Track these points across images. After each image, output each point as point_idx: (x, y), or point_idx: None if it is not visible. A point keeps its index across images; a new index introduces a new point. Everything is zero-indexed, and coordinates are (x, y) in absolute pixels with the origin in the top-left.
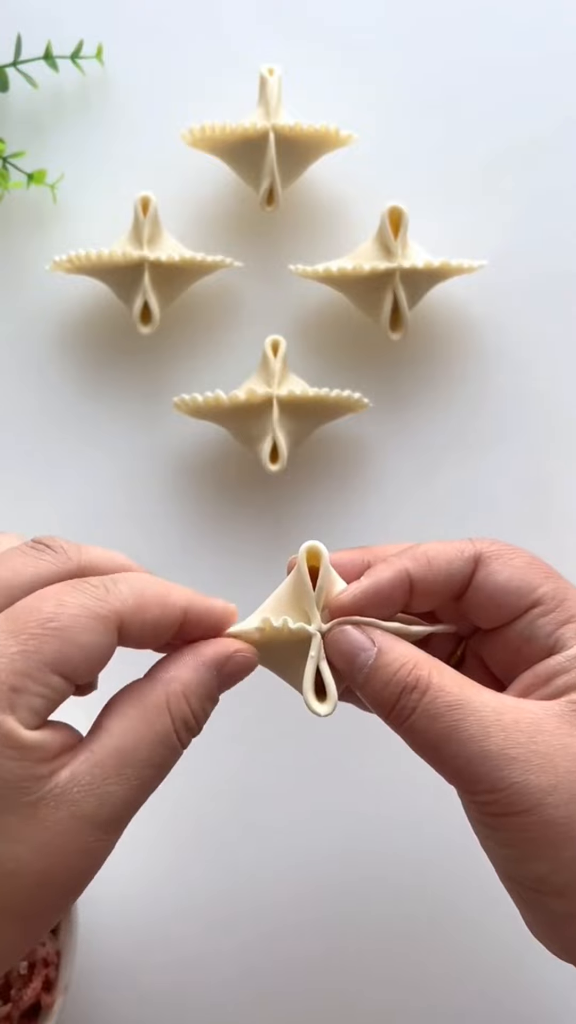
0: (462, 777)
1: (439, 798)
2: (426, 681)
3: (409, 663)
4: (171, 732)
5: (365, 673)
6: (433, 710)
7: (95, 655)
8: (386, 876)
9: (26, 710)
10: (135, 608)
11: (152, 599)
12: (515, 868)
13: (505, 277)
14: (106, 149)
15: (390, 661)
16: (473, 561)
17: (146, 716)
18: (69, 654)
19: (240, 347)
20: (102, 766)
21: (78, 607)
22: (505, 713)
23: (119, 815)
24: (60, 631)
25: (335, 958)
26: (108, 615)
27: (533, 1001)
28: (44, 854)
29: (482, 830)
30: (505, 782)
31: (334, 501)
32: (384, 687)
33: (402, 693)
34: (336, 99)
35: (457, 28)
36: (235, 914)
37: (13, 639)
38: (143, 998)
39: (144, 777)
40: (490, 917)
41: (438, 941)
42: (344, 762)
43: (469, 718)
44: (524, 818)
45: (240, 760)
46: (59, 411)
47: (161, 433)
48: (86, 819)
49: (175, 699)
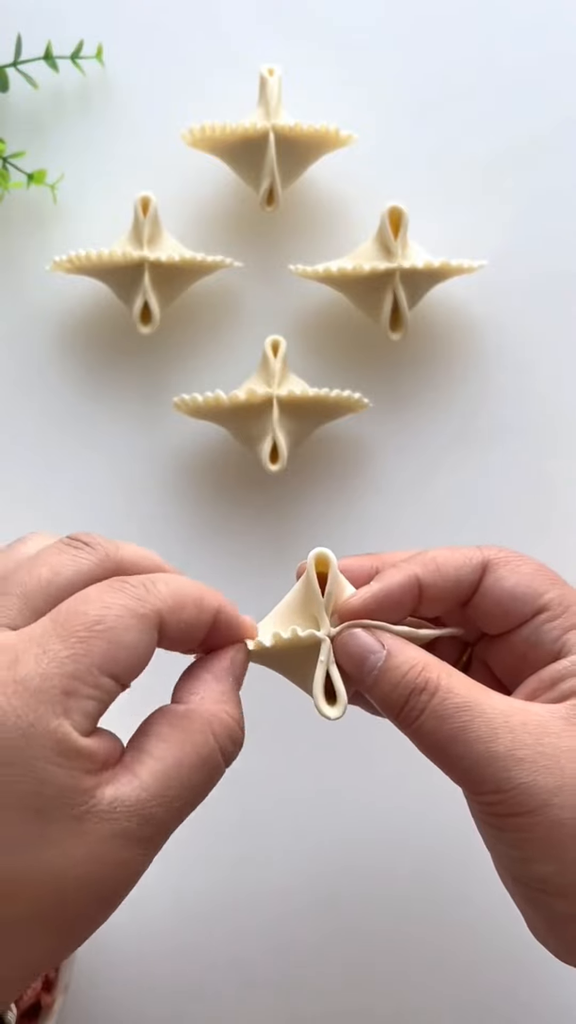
0: (469, 778)
1: (438, 788)
2: (435, 683)
3: (418, 665)
4: (216, 751)
5: (374, 676)
6: (442, 711)
7: (140, 654)
8: (386, 867)
9: (79, 714)
10: (173, 607)
11: (188, 599)
12: (520, 869)
13: (505, 277)
14: (106, 149)
15: (399, 663)
16: (481, 568)
17: (189, 739)
18: (117, 655)
19: (240, 347)
20: (147, 790)
21: (121, 607)
22: (512, 715)
23: (161, 834)
24: (107, 632)
25: (336, 955)
26: (149, 614)
27: (532, 1001)
28: (84, 865)
29: (488, 831)
30: (512, 783)
31: (334, 501)
32: (393, 689)
33: (411, 695)
34: (336, 99)
35: (457, 28)
36: (236, 913)
37: (62, 643)
38: (143, 997)
39: (187, 799)
40: (491, 912)
41: (440, 934)
42: (342, 755)
43: (477, 720)
44: (530, 819)
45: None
46: (59, 411)
47: (161, 433)
48: (127, 837)
49: (217, 722)
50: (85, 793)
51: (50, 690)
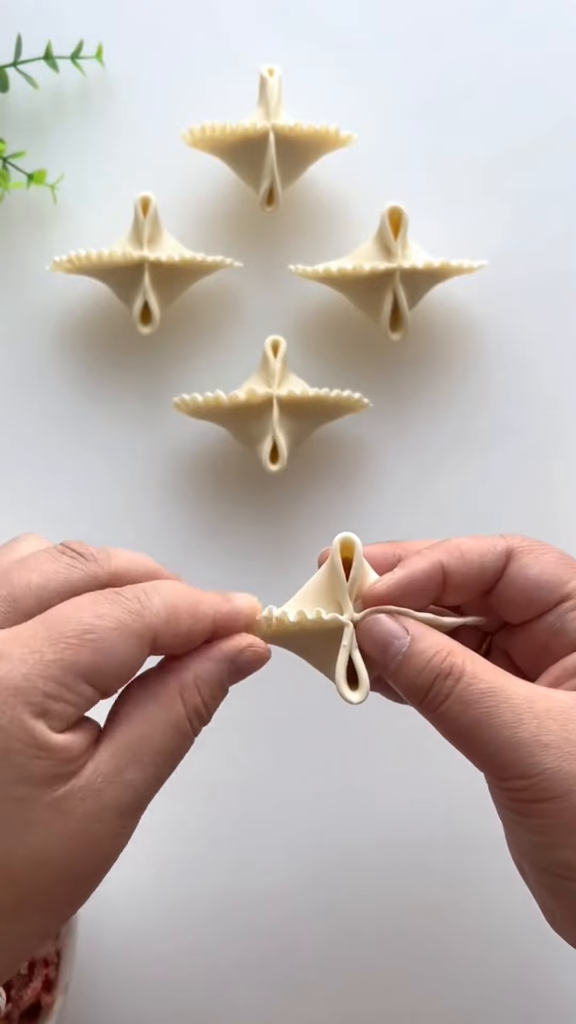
0: (494, 763)
1: (439, 788)
2: (460, 668)
3: (443, 651)
4: (184, 720)
5: (399, 661)
6: (467, 696)
7: (126, 667)
8: (388, 867)
9: (56, 717)
10: (167, 620)
11: (184, 610)
12: (544, 855)
13: (505, 277)
14: (106, 149)
15: (424, 648)
16: (505, 555)
17: (160, 704)
18: (103, 666)
19: (240, 347)
20: (122, 755)
21: (114, 621)
22: (537, 701)
23: (138, 801)
24: (96, 643)
25: (337, 956)
26: (142, 630)
27: (539, 1000)
28: (71, 844)
29: (511, 817)
30: (537, 768)
31: (334, 501)
32: (418, 674)
33: (436, 680)
34: (336, 99)
35: (457, 28)
36: (236, 913)
37: (50, 646)
38: (143, 997)
39: (159, 764)
40: (496, 911)
41: (443, 934)
42: (342, 755)
43: (502, 705)
44: (555, 804)
45: (233, 757)
46: (59, 411)
47: (161, 433)
48: (109, 807)
49: (188, 689)
50: (65, 777)
51: (31, 691)
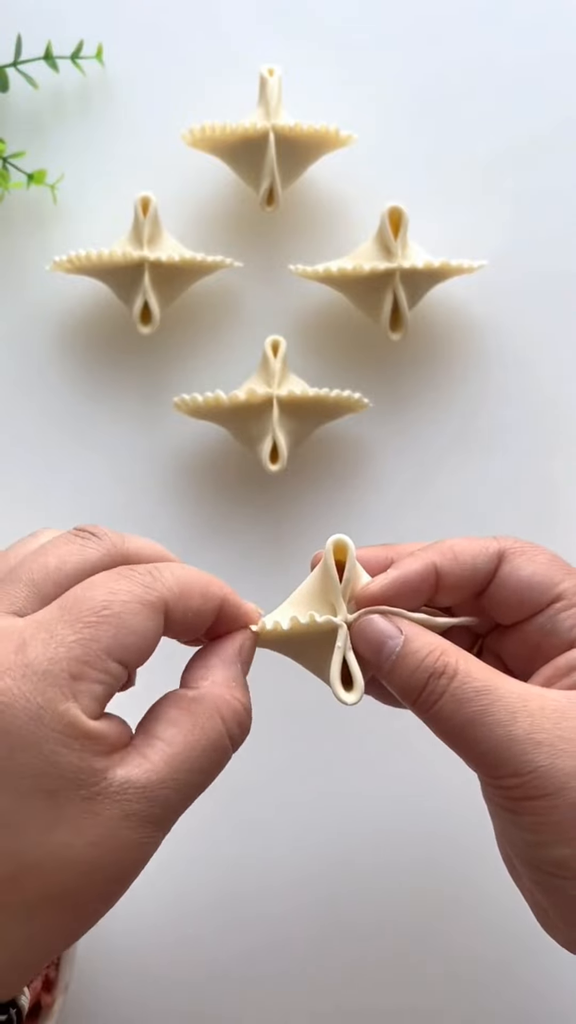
0: (487, 761)
1: (439, 787)
2: (454, 667)
3: (436, 650)
4: (223, 735)
5: (392, 661)
6: (461, 695)
7: (147, 640)
8: (387, 864)
9: (88, 697)
10: (179, 595)
11: (194, 587)
12: (537, 853)
13: (505, 277)
14: (106, 149)
15: (417, 648)
16: (497, 557)
17: (199, 723)
18: (124, 640)
19: (240, 347)
20: (157, 773)
21: (128, 594)
22: (531, 700)
23: (170, 816)
24: (113, 617)
25: (337, 952)
26: (156, 601)
27: (540, 991)
28: (95, 846)
29: (504, 815)
30: (531, 766)
31: (334, 501)
32: (412, 674)
33: (430, 679)
34: (336, 99)
35: (457, 28)
36: (235, 913)
37: (70, 628)
38: (143, 997)
39: (195, 781)
40: (492, 908)
41: (440, 930)
42: (342, 754)
43: (496, 703)
44: (549, 802)
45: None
46: (59, 411)
47: (161, 433)
48: (138, 818)
49: (226, 707)
50: (96, 774)
51: (59, 673)
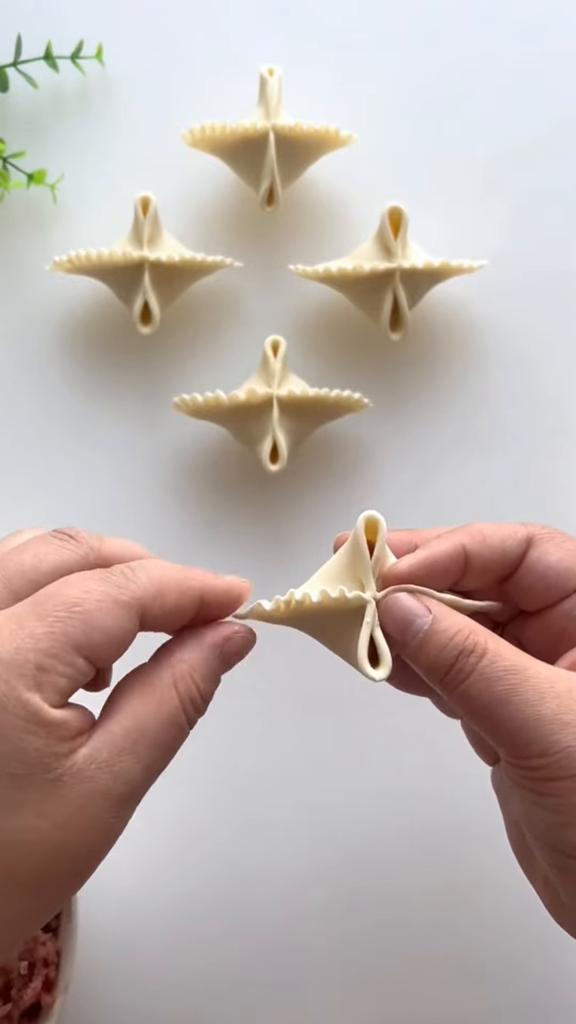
0: (515, 741)
1: (438, 789)
2: (483, 646)
3: (465, 629)
4: (179, 711)
5: (420, 639)
6: (490, 673)
7: (117, 640)
8: (390, 866)
9: (51, 689)
10: (154, 594)
11: (170, 585)
12: (558, 834)
13: (505, 277)
14: (106, 149)
15: (447, 627)
16: (526, 542)
17: (155, 696)
18: (93, 637)
19: (240, 347)
20: (117, 744)
21: (101, 593)
22: (559, 682)
23: (132, 792)
24: (85, 615)
25: (338, 955)
26: (130, 601)
27: (549, 987)
28: (62, 828)
29: (527, 796)
30: (558, 746)
31: (334, 501)
32: (441, 651)
33: (459, 657)
34: (336, 99)
35: (456, 28)
36: (236, 913)
37: (40, 621)
38: (143, 998)
39: (154, 755)
40: (499, 909)
41: (446, 924)
42: (342, 742)
43: (525, 683)
44: (573, 783)
45: (233, 756)
46: (59, 411)
47: (161, 433)
48: (102, 795)
49: (182, 680)
50: (59, 758)
51: (23, 664)
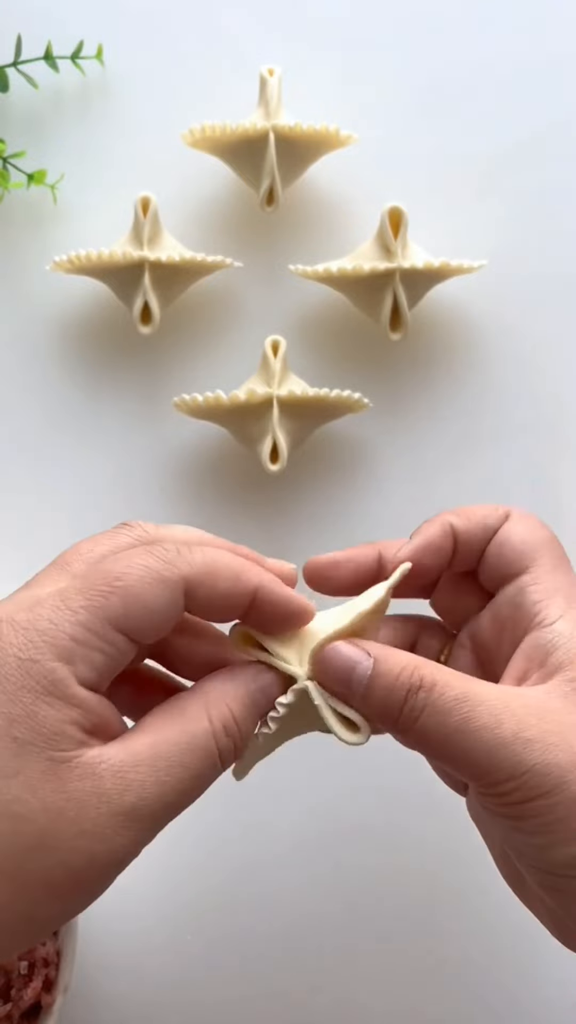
0: (480, 769)
1: (439, 789)
2: (430, 679)
3: (409, 666)
4: (208, 736)
5: (364, 685)
6: (442, 705)
7: (160, 616)
8: (390, 867)
9: (85, 664)
10: (204, 575)
11: (224, 571)
12: (545, 856)
13: (505, 277)
14: (106, 149)
15: (389, 667)
16: (504, 517)
17: (183, 717)
18: (133, 612)
19: (240, 347)
20: (134, 755)
21: (144, 568)
22: (511, 700)
23: (144, 809)
24: (125, 589)
25: (338, 958)
26: (174, 578)
27: (541, 995)
28: (52, 815)
29: (505, 824)
30: (525, 765)
31: (334, 501)
32: (389, 693)
33: (408, 695)
34: (336, 99)
35: (457, 28)
36: (235, 913)
37: (81, 595)
38: (143, 998)
39: (177, 777)
40: (496, 916)
41: (448, 925)
42: (338, 752)
43: (478, 708)
44: (549, 799)
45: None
46: (59, 411)
47: (161, 433)
48: (107, 800)
49: (215, 705)
50: (70, 741)
51: (58, 635)
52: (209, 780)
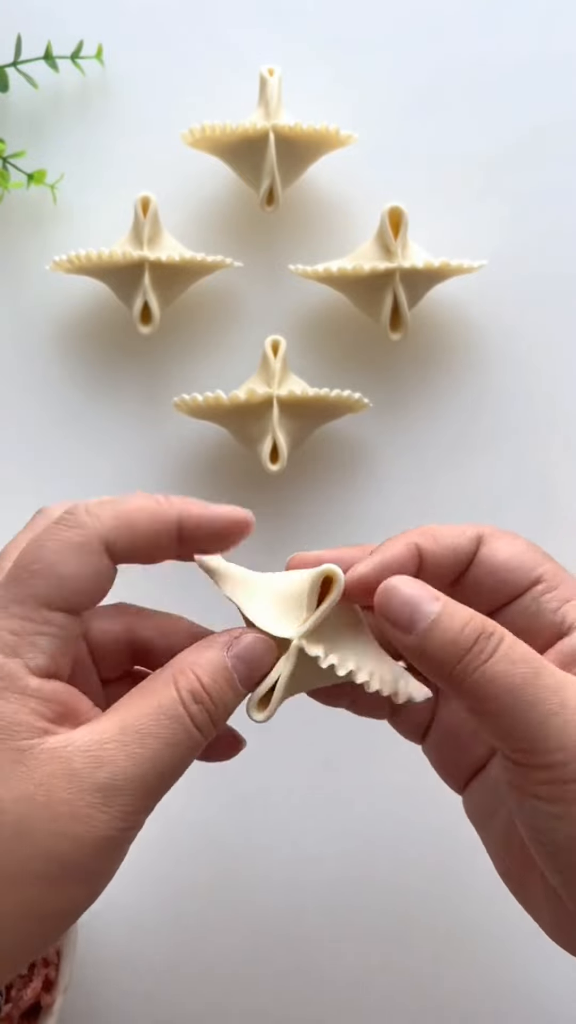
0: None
1: (439, 792)
2: (501, 632)
3: (478, 617)
4: (176, 703)
5: (431, 622)
6: (514, 655)
7: (88, 582)
8: (389, 870)
9: (33, 651)
10: (119, 527)
11: (139, 514)
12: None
13: (505, 277)
14: (106, 149)
15: (459, 611)
16: (476, 539)
17: (150, 691)
18: (59, 587)
19: (240, 347)
20: (100, 733)
21: (56, 542)
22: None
23: (123, 782)
24: (44, 569)
25: (337, 956)
26: (86, 541)
27: (539, 1000)
28: (23, 803)
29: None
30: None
31: (334, 501)
32: (459, 633)
33: (479, 638)
34: (336, 99)
35: (456, 28)
36: (235, 914)
37: (4, 588)
38: (143, 998)
39: (150, 748)
40: (490, 907)
41: (450, 923)
42: (342, 735)
43: (544, 670)
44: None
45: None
46: (59, 411)
47: (161, 433)
48: (77, 778)
49: (181, 674)
50: (31, 730)
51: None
52: (188, 748)
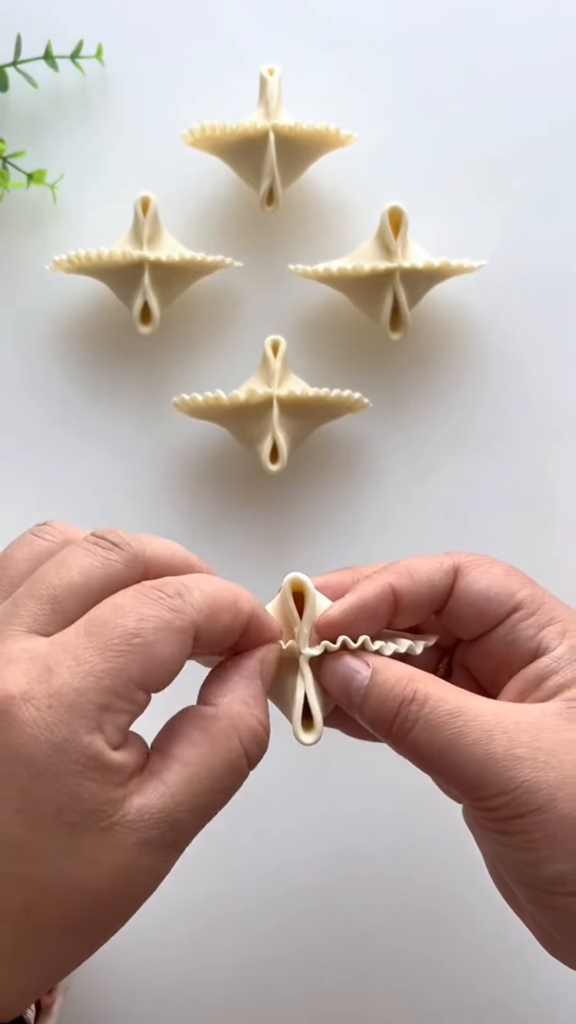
0: (470, 783)
1: (437, 794)
2: (424, 693)
3: (404, 678)
4: (240, 757)
5: (361, 695)
6: (435, 719)
7: (175, 667)
8: (387, 875)
9: (112, 727)
10: (209, 616)
11: (223, 606)
12: (533, 872)
13: (505, 277)
14: (106, 149)
15: (386, 678)
16: (452, 572)
17: (214, 743)
18: (153, 669)
19: (240, 347)
20: (174, 797)
21: (158, 620)
22: (505, 716)
23: (183, 839)
24: (143, 647)
25: (336, 957)
26: (186, 627)
27: (535, 1003)
28: (111, 875)
29: (495, 838)
30: (514, 782)
31: (334, 501)
32: (382, 704)
33: (400, 707)
34: (336, 99)
35: (457, 28)
36: (236, 914)
37: (99, 656)
38: (143, 998)
39: (211, 803)
40: (489, 911)
41: (449, 929)
42: (339, 758)
43: (471, 724)
44: (537, 816)
45: None
46: (59, 411)
47: (161, 433)
48: (153, 844)
49: (242, 721)
50: (114, 804)
51: (85, 705)
52: (239, 786)
